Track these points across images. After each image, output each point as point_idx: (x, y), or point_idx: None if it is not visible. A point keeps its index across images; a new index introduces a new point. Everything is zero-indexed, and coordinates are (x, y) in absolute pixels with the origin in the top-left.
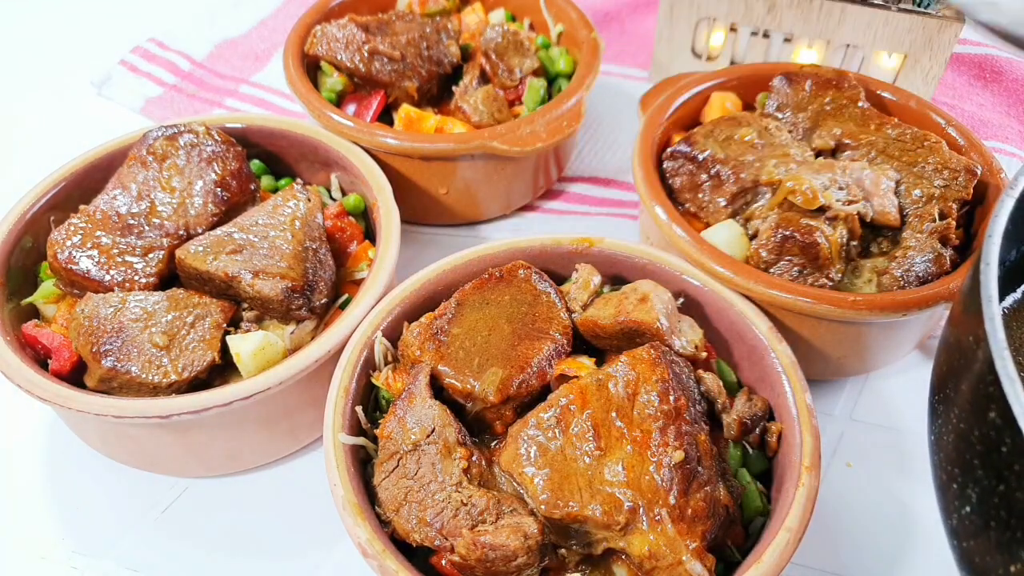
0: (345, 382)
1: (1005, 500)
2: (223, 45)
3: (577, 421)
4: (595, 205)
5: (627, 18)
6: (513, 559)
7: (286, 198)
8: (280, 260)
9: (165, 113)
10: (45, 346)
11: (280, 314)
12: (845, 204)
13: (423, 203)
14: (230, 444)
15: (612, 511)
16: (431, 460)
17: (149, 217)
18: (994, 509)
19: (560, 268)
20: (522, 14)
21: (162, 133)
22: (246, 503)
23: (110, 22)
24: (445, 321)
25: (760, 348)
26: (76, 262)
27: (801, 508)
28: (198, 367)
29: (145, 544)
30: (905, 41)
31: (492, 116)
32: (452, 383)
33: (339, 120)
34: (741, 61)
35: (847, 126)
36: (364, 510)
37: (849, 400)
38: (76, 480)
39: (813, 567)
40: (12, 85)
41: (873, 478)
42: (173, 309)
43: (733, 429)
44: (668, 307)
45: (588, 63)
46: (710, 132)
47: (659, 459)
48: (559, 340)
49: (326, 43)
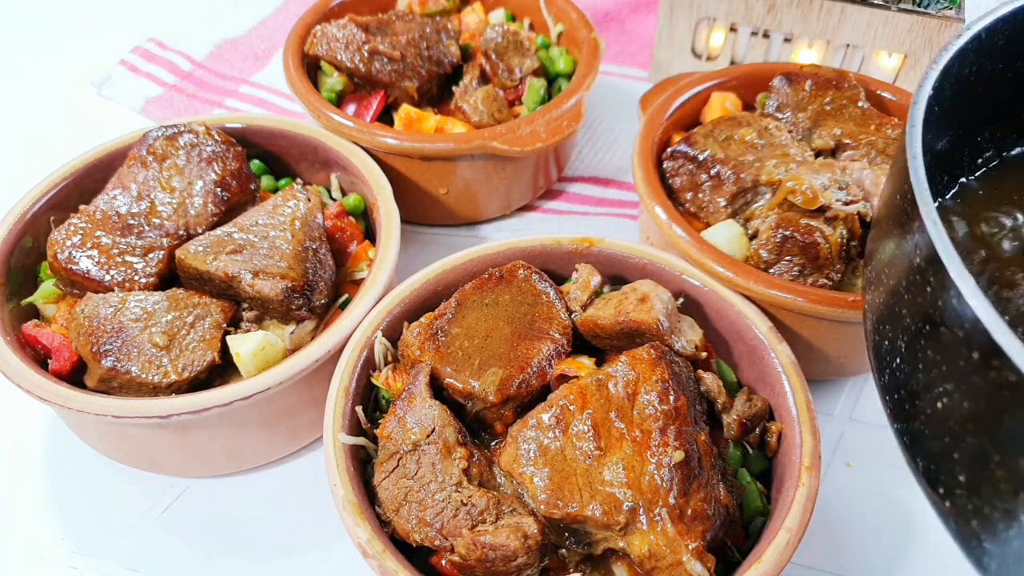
0: (345, 382)
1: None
2: (223, 45)
3: (577, 421)
4: (595, 205)
5: (627, 18)
6: (513, 559)
7: (286, 198)
8: (280, 260)
9: (165, 113)
10: (45, 346)
11: (280, 314)
12: (845, 204)
13: (423, 203)
14: (230, 444)
15: (612, 511)
16: (431, 460)
17: (149, 217)
18: (921, 351)
19: (560, 268)
20: (522, 14)
21: (162, 133)
22: (246, 503)
23: (110, 22)
24: (445, 321)
25: (760, 348)
26: (76, 262)
27: (801, 508)
28: (198, 367)
29: (145, 544)
30: (905, 41)
31: (492, 116)
32: (452, 383)
33: (339, 120)
34: (741, 61)
35: (847, 126)
36: (364, 510)
37: (849, 400)
38: (76, 480)
39: (813, 567)
40: (12, 85)
41: (873, 478)
42: (173, 309)
43: (733, 429)
44: (668, 307)
45: (588, 63)
46: (710, 132)
47: (659, 459)
48: (559, 340)
49: (326, 43)
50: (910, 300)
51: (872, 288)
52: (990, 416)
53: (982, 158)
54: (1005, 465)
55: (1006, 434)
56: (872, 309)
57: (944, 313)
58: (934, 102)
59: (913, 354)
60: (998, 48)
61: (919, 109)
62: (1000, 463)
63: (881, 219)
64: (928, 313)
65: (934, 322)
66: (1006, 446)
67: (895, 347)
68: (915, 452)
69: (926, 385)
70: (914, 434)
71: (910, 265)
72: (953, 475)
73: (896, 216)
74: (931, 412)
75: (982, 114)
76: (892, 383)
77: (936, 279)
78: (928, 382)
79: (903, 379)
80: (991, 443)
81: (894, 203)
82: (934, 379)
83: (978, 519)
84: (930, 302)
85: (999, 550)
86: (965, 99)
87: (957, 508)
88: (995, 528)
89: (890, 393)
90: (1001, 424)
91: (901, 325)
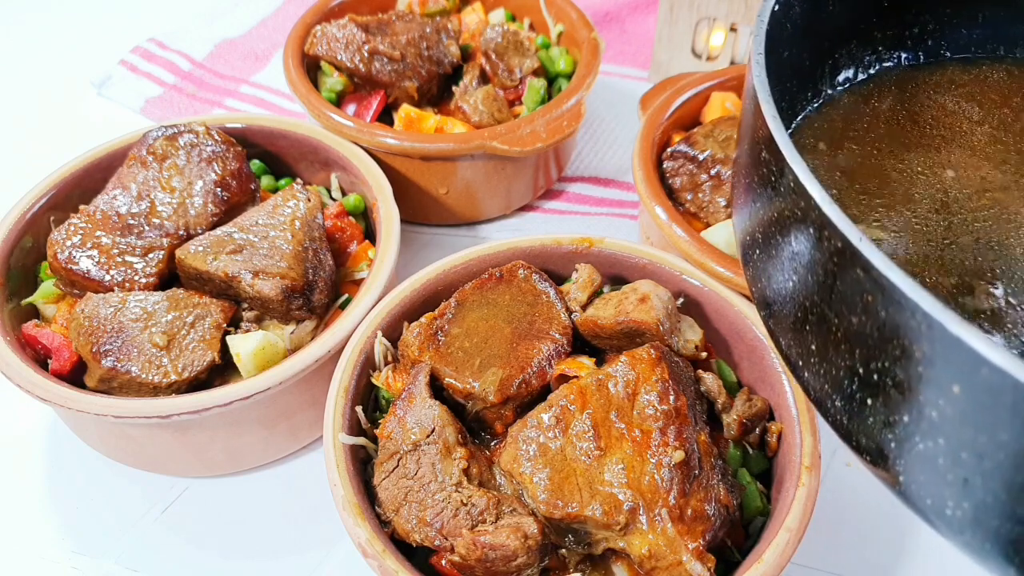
0: (345, 382)
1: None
2: (223, 45)
3: (577, 421)
4: (595, 205)
5: (627, 18)
6: (513, 559)
7: (286, 198)
8: (280, 260)
9: (165, 113)
10: (45, 346)
11: (280, 314)
12: None
13: (423, 203)
14: (230, 444)
15: (612, 511)
16: (431, 460)
17: (149, 217)
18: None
19: (560, 268)
20: (522, 14)
21: (162, 133)
22: (246, 503)
23: (110, 22)
24: (445, 321)
25: (760, 348)
26: (76, 262)
27: (801, 508)
28: (198, 367)
29: (145, 544)
30: None
31: (492, 116)
32: (452, 383)
33: (339, 120)
34: (741, 61)
35: None
36: (364, 510)
37: None
38: (76, 480)
39: (813, 567)
40: (12, 85)
41: (873, 478)
42: (173, 309)
43: (733, 429)
44: (668, 307)
45: (588, 63)
46: (710, 132)
47: (659, 459)
48: (559, 340)
49: (326, 43)
50: (760, 192)
51: (735, 193)
52: (826, 283)
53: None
54: (842, 326)
55: (839, 297)
56: (737, 212)
57: (784, 197)
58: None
59: (766, 243)
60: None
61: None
62: (838, 325)
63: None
64: (773, 201)
65: (781, 212)
66: (840, 308)
67: (754, 240)
68: (778, 335)
69: (778, 268)
70: (776, 318)
71: (758, 159)
72: (806, 346)
73: (747, 120)
74: (784, 291)
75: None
76: (753, 275)
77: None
78: (779, 265)
79: (761, 268)
80: (830, 308)
81: (745, 112)
82: (782, 261)
83: (829, 383)
84: (774, 191)
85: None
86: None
87: (815, 378)
88: (842, 387)
89: (755, 285)
90: (835, 289)
91: (756, 218)
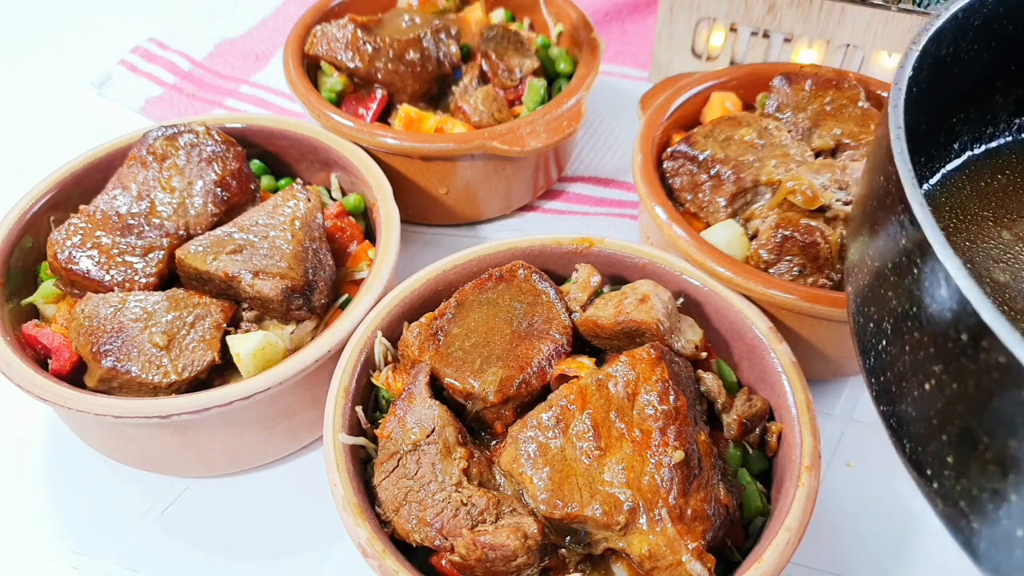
0: (345, 382)
1: (918, 320)
2: (223, 45)
3: (577, 421)
4: (595, 205)
5: (627, 18)
6: (513, 559)
7: (286, 198)
8: (280, 260)
9: (165, 113)
10: (45, 346)
11: (280, 314)
12: (845, 204)
13: (423, 203)
14: (230, 444)
15: (612, 511)
16: (431, 460)
17: (149, 217)
18: (907, 333)
19: (560, 268)
20: (522, 14)
21: (162, 133)
22: (246, 503)
23: (110, 22)
24: (445, 321)
25: (760, 348)
26: (76, 262)
27: (801, 508)
28: (198, 367)
29: (145, 544)
30: (905, 41)
31: (492, 116)
32: (452, 383)
33: (339, 120)
34: (741, 61)
35: (847, 126)
36: (364, 510)
37: (849, 400)
38: (76, 480)
39: (813, 567)
40: (12, 85)
41: (873, 478)
42: (173, 309)
43: (733, 429)
44: (668, 307)
45: (588, 63)
46: (710, 132)
47: (659, 459)
48: (559, 340)
49: (326, 43)
50: (896, 282)
51: (855, 271)
52: (978, 398)
53: (958, 142)
54: (994, 447)
55: (994, 416)
56: (856, 291)
57: (931, 294)
58: (913, 83)
59: (899, 336)
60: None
61: (900, 90)
62: (989, 445)
63: (864, 200)
64: (915, 294)
65: (921, 303)
66: (994, 428)
67: (880, 329)
68: (902, 435)
69: (912, 367)
70: (900, 417)
71: (896, 246)
72: (940, 457)
73: (879, 197)
74: (918, 394)
75: (958, 96)
76: (877, 365)
77: (923, 260)
78: (915, 364)
79: (889, 361)
80: (979, 425)
81: (876, 184)
82: (921, 361)
83: (966, 500)
84: (917, 283)
85: (988, 531)
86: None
87: (945, 490)
88: (984, 509)
89: (875, 376)
90: (989, 406)
91: (887, 307)
